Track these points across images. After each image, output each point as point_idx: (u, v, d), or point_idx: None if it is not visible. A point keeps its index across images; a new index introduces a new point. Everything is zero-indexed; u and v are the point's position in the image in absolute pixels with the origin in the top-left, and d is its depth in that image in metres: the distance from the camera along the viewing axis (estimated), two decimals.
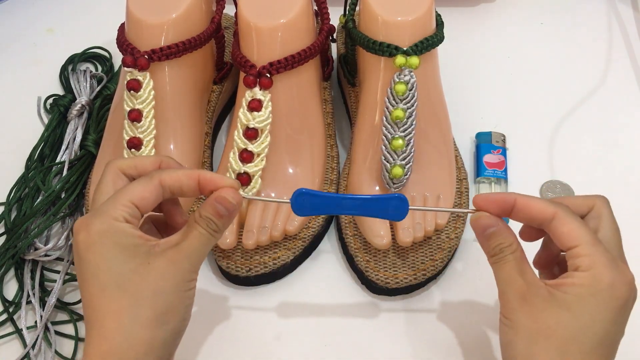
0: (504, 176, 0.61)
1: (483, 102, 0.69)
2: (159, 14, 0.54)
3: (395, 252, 0.54)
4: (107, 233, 0.39)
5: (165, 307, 0.39)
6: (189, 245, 0.41)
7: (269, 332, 0.53)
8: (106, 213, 0.40)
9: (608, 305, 0.40)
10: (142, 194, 0.41)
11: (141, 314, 0.39)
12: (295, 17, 0.54)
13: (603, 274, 0.40)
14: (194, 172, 0.43)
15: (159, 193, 0.42)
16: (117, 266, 0.39)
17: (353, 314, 0.54)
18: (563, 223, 0.42)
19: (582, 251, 0.41)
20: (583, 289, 0.40)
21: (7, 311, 0.54)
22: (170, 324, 0.40)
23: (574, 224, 0.42)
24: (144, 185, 0.42)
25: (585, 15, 0.77)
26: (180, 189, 0.43)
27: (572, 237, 0.41)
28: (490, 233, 0.43)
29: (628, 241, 0.58)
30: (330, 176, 0.59)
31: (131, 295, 0.39)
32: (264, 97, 0.53)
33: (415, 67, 0.52)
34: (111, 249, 0.39)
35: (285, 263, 0.54)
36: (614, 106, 0.68)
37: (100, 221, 0.40)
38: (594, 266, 0.40)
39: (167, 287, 0.39)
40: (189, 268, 0.41)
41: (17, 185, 0.60)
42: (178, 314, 0.40)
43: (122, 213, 0.40)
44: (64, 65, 0.71)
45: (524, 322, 0.41)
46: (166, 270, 0.40)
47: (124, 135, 0.53)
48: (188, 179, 0.42)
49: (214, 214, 0.42)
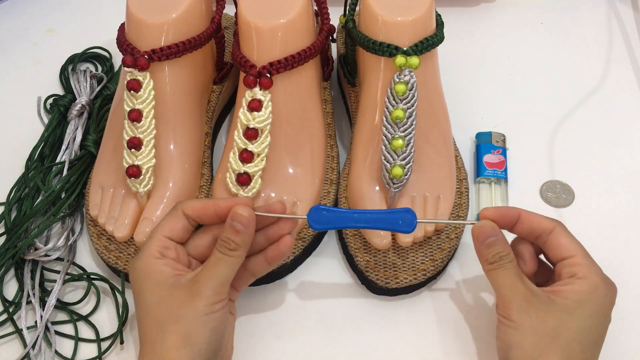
0: (504, 176, 0.61)
1: (483, 102, 0.69)
2: (159, 14, 0.54)
3: (395, 252, 0.54)
4: (144, 271, 0.46)
5: (187, 332, 0.43)
6: (205, 272, 0.45)
7: (269, 332, 0.53)
8: (144, 252, 0.46)
9: (601, 310, 0.45)
10: (170, 224, 0.47)
11: (167, 339, 0.43)
12: (295, 17, 0.54)
13: (598, 283, 0.45)
14: (209, 202, 0.48)
15: (184, 222, 0.48)
16: (148, 299, 0.45)
17: (353, 314, 0.54)
18: (562, 236, 0.47)
19: (579, 261, 0.46)
20: (582, 295, 0.45)
21: (7, 311, 0.54)
22: (195, 346, 0.43)
23: (570, 238, 0.47)
24: (170, 217, 0.48)
25: (585, 15, 0.77)
26: (199, 217, 0.48)
27: (570, 249, 0.47)
28: (491, 242, 0.47)
29: (628, 241, 0.58)
30: (330, 176, 0.59)
31: (158, 323, 0.44)
32: (264, 97, 0.53)
33: (415, 67, 0.52)
34: (146, 284, 0.45)
35: (285, 263, 0.54)
36: (614, 106, 0.68)
37: (139, 261, 0.46)
38: (590, 275, 0.45)
39: (187, 314, 0.44)
40: (209, 293, 0.44)
41: (17, 185, 0.60)
42: (202, 337, 0.43)
43: (156, 249, 0.46)
44: (64, 65, 0.71)
45: (531, 324, 0.44)
46: (185, 299, 0.44)
47: (124, 135, 0.53)
48: (204, 209, 0.47)
49: (231, 232, 0.46)
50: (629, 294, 0.54)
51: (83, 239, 0.59)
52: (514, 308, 0.45)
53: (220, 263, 0.45)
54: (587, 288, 0.45)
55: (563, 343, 0.43)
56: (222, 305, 0.45)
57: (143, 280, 0.45)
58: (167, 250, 0.47)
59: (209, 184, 0.59)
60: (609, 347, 0.51)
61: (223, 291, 0.45)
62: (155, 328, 0.44)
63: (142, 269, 0.46)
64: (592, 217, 0.60)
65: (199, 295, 0.44)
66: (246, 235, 0.46)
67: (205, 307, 0.44)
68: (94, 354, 0.52)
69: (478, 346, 0.52)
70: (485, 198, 0.60)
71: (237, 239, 0.46)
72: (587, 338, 0.44)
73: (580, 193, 0.61)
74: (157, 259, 0.46)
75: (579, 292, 0.45)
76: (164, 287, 0.45)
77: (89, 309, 0.54)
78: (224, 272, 0.45)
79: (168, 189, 0.54)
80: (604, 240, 0.58)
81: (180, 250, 0.48)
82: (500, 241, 0.47)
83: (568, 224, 0.54)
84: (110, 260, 0.54)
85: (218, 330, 0.44)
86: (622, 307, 0.54)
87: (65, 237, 0.56)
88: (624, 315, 0.53)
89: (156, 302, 0.45)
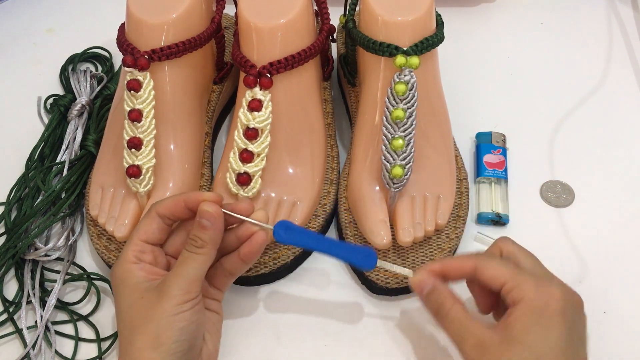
0: (504, 176, 0.61)
1: (483, 102, 0.69)
2: (159, 14, 0.54)
3: (395, 252, 0.54)
4: (120, 277, 0.46)
5: (156, 333, 0.43)
6: (173, 272, 0.45)
7: (269, 332, 0.53)
8: (121, 257, 0.47)
9: (550, 325, 0.42)
10: (144, 227, 0.47)
11: (137, 341, 0.43)
12: (295, 17, 0.54)
13: (533, 298, 0.43)
14: (180, 196, 0.47)
15: (159, 222, 0.47)
16: (123, 303, 0.45)
17: (353, 314, 0.54)
18: (484, 269, 0.45)
19: (510, 285, 0.44)
20: (525, 319, 0.42)
21: (7, 311, 0.54)
22: (164, 347, 0.43)
23: (493, 266, 0.45)
24: (144, 219, 0.48)
25: (585, 15, 0.77)
26: (173, 214, 0.47)
27: (497, 277, 0.44)
28: (428, 291, 0.46)
29: (628, 241, 0.58)
30: (330, 176, 0.59)
31: (130, 326, 0.44)
32: (264, 97, 0.53)
33: (416, 67, 0.52)
34: (122, 289, 0.46)
35: (285, 263, 0.54)
36: (614, 106, 0.68)
37: (117, 266, 0.47)
38: (524, 295, 0.43)
39: (156, 315, 0.44)
40: (176, 293, 0.44)
41: (17, 185, 0.60)
42: (171, 337, 0.43)
43: (133, 254, 0.46)
44: (64, 65, 0.71)
45: None
46: (154, 301, 0.44)
47: (124, 135, 0.53)
48: (175, 204, 0.47)
49: (198, 229, 0.46)
50: (629, 294, 0.54)
51: (83, 239, 0.59)
52: (468, 355, 0.43)
53: (187, 261, 0.45)
54: (525, 311, 0.42)
55: None
56: (192, 305, 0.44)
57: (119, 285, 0.46)
58: (143, 254, 0.47)
59: (209, 184, 0.59)
60: (609, 347, 0.51)
61: (192, 290, 0.44)
62: (128, 331, 0.44)
63: (119, 275, 0.46)
64: (592, 217, 0.60)
65: (166, 295, 0.44)
66: (213, 232, 0.45)
67: (172, 308, 0.43)
68: (94, 354, 0.52)
69: None
70: (485, 198, 0.60)
71: (204, 236, 0.45)
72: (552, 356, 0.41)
73: (580, 193, 0.61)
74: (133, 264, 0.46)
75: (520, 318, 0.42)
76: (137, 290, 0.45)
77: (89, 309, 0.54)
78: (192, 271, 0.45)
79: (168, 189, 0.54)
80: (604, 240, 0.58)
81: (158, 252, 0.48)
82: (435, 290, 0.46)
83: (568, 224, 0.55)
84: (110, 260, 0.54)
85: (188, 330, 0.44)
86: (622, 307, 0.54)
87: (65, 237, 0.57)
88: (624, 315, 0.53)
89: (129, 305, 0.45)
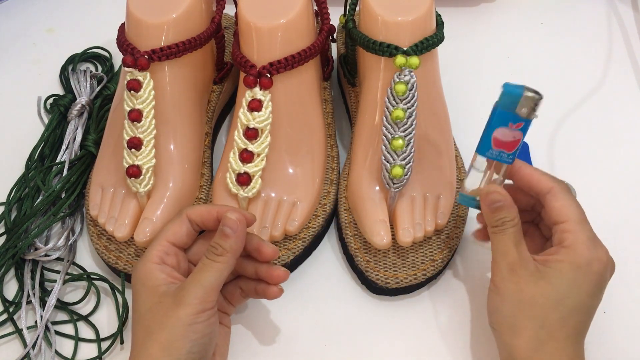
0: (509, 161, 0.48)
1: (483, 102, 0.68)
2: (159, 14, 0.54)
3: (395, 252, 0.54)
4: (141, 276, 0.46)
5: (169, 341, 0.43)
6: (191, 279, 0.45)
7: (269, 332, 0.53)
8: (145, 256, 0.46)
9: (585, 280, 0.44)
10: (174, 229, 0.47)
11: (150, 346, 0.43)
12: (295, 17, 0.54)
13: (583, 253, 0.45)
14: (214, 206, 0.48)
15: (188, 226, 0.48)
16: (141, 304, 0.45)
17: (353, 314, 0.54)
18: (557, 199, 0.46)
19: (568, 227, 0.45)
20: (564, 265, 0.45)
21: (7, 311, 0.54)
22: (174, 356, 0.43)
23: (565, 201, 0.46)
24: (174, 221, 0.48)
25: (585, 15, 0.77)
26: (202, 222, 0.48)
27: (562, 213, 0.46)
28: (497, 207, 0.47)
29: (628, 241, 0.58)
30: (330, 176, 0.59)
31: (145, 329, 0.44)
32: (264, 97, 0.53)
33: (416, 67, 0.52)
34: (142, 289, 0.46)
35: (285, 263, 0.54)
36: (614, 106, 0.68)
37: (140, 264, 0.46)
38: (575, 244, 0.45)
39: (171, 323, 0.43)
40: (193, 302, 0.43)
41: (17, 185, 0.60)
42: (182, 347, 0.43)
43: (157, 254, 0.46)
44: (64, 65, 0.71)
45: (511, 291, 0.45)
46: (170, 307, 0.44)
47: (124, 135, 0.53)
48: (208, 213, 0.48)
49: (220, 236, 0.46)
50: (630, 294, 0.54)
51: (83, 239, 0.59)
52: (498, 274, 0.46)
53: (206, 268, 0.45)
54: (569, 258, 0.44)
55: (539, 311, 0.44)
56: (207, 317, 0.44)
57: (140, 285, 0.46)
58: (168, 256, 0.47)
59: (209, 184, 0.59)
60: (609, 347, 0.51)
61: (208, 299, 0.44)
62: (142, 334, 0.44)
63: (140, 274, 0.46)
64: (592, 217, 0.59)
65: (183, 303, 0.43)
66: (234, 241, 0.45)
67: (188, 317, 0.43)
68: (94, 354, 0.52)
69: (478, 346, 0.52)
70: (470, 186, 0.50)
71: (225, 244, 0.45)
72: (565, 307, 0.44)
73: (580, 193, 0.61)
74: (156, 264, 0.46)
75: (561, 262, 0.45)
76: (156, 293, 0.45)
77: (89, 309, 0.54)
78: (210, 279, 0.44)
79: (168, 189, 0.54)
80: (603, 240, 0.58)
81: (181, 256, 0.48)
82: (505, 207, 0.46)
83: None
84: (110, 260, 0.54)
85: (200, 342, 0.44)
86: (623, 307, 0.54)
87: (65, 237, 0.56)
88: (624, 315, 0.53)
89: (147, 309, 0.44)
